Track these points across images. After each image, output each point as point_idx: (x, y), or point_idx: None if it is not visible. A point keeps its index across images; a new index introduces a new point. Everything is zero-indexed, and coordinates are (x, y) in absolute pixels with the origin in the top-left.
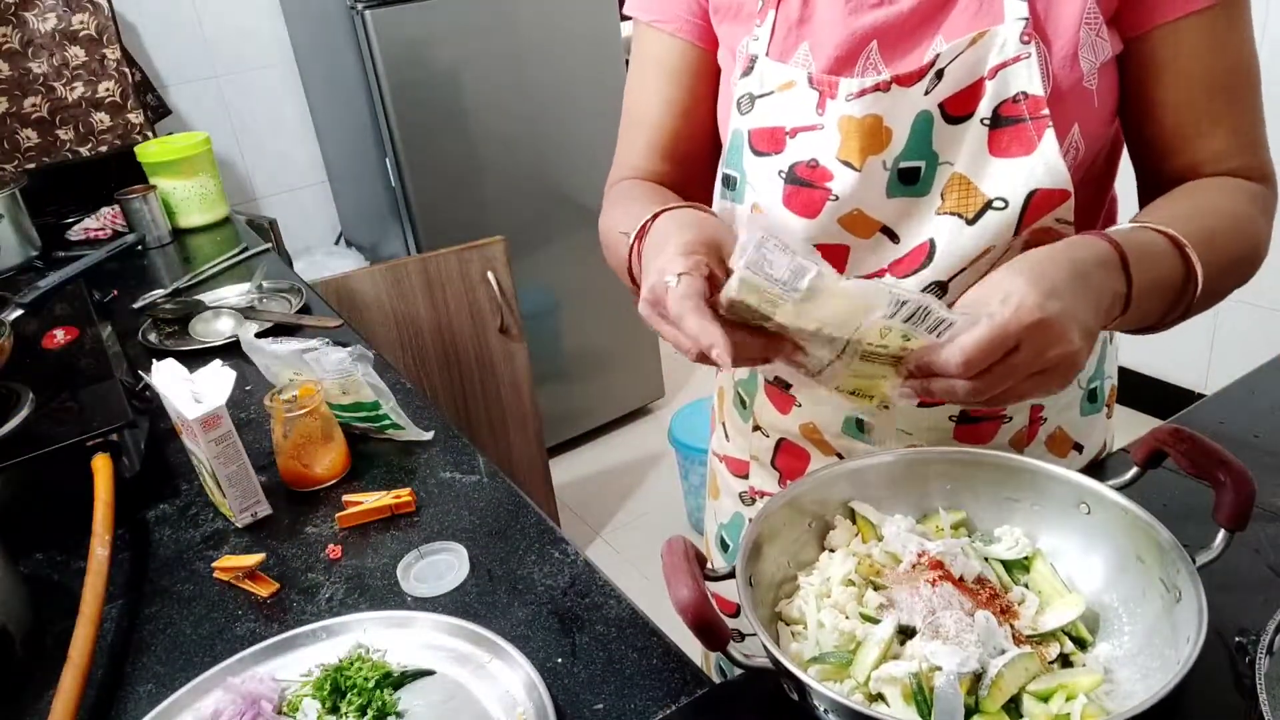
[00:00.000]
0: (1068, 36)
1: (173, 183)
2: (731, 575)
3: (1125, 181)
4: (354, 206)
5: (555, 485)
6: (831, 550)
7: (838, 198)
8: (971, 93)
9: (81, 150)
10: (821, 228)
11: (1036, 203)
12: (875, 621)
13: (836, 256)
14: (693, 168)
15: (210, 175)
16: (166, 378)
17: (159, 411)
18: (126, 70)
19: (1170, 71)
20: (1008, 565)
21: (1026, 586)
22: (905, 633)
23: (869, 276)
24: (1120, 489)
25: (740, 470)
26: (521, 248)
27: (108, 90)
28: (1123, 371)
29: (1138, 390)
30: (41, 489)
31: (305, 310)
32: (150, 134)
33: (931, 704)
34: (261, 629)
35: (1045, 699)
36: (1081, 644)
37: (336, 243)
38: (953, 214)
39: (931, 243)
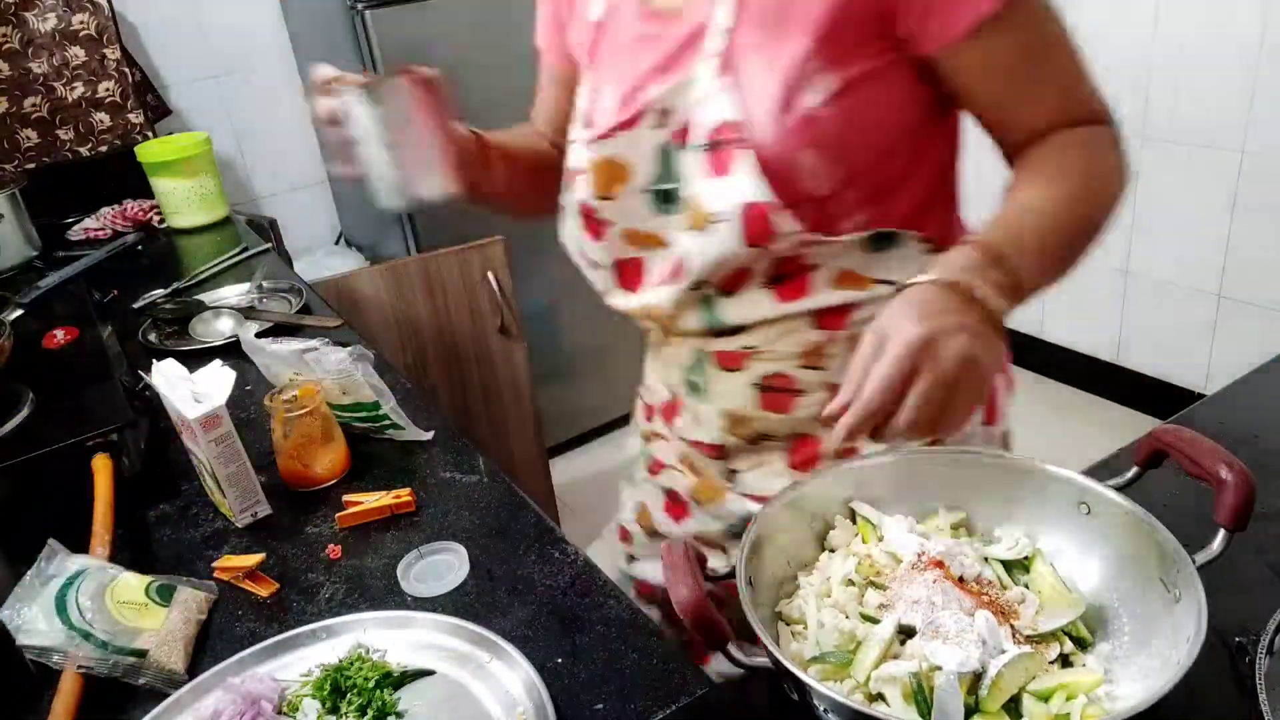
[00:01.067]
0: (775, 72)
1: (173, 183)
2: (731, 575)
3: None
4: (354, 206)
5: (555, 485)
6: (832, 550)
7: (616, 222)
8: (688, 125)
9: (81, 150)
10: (610, 247)
11: (752, 214)
12: (875, 621)
13: (635, 267)
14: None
15: (210, 175)
16: (166, 378)
17: (159, 411)
18: (126, 70)
19: (968, 77)
20: (1008, 565)
21: (1027, 587)
22: (905, 632)
23: (664, 282)
24: (1120, 489)
25: (647, 414)
26: (521, 248)
27: (108, 90)
28: (1123, 371)
29: (1138, 390)
30: (41, 489)
31: (305, 310)
32: (150, 134)
33: (931, 703)
34: (261, 629)
35: (1045, 699)
36: (1082, 644)
37: (336, 243)
38: (690, 230)
39: (684, 253)
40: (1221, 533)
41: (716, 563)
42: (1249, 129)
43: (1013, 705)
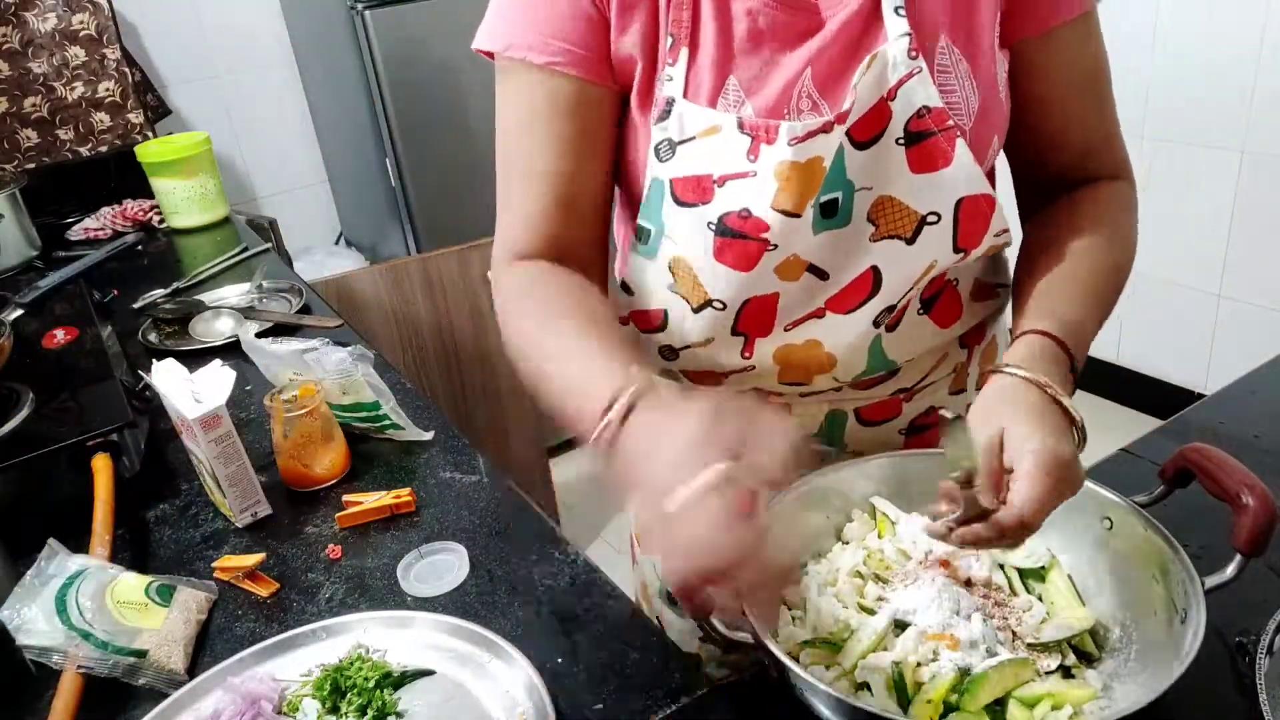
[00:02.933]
0: (986, 56)
1: (173, 183)
2: None
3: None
4: (354, 206)
5: (555, 485)
6: (846, 542)
7: (775, 246)
8: (876, 115)
9: (81, 150)
10: (757, 279)
11: (966, 210)
12: (871, 613)
13: (767, 306)
14: (594, 223)
15: (210, 175)
16: (166, 378)
17: (159, 411)
18: (126, 70)
19: (1049, 72)
20: (1023, 573)
21: (1039, 597)
22: (901, 627)
23: (804, 318)
24: (1146, 506)
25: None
26: None
27: (108, 90)
28: (1123, 371)
29: (1138, 390)
30: (41, 489)
31: (305, 310)
32: (150, 134)
33: (911, 696)
34: (261, 629)
35: (1031, 705)
36: (1087, 658)
37: (336, 243)
38: (890, 237)
39: (875, 270)
40: (1237, 558)
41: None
42: (1249, 129)
43: (999, 710)
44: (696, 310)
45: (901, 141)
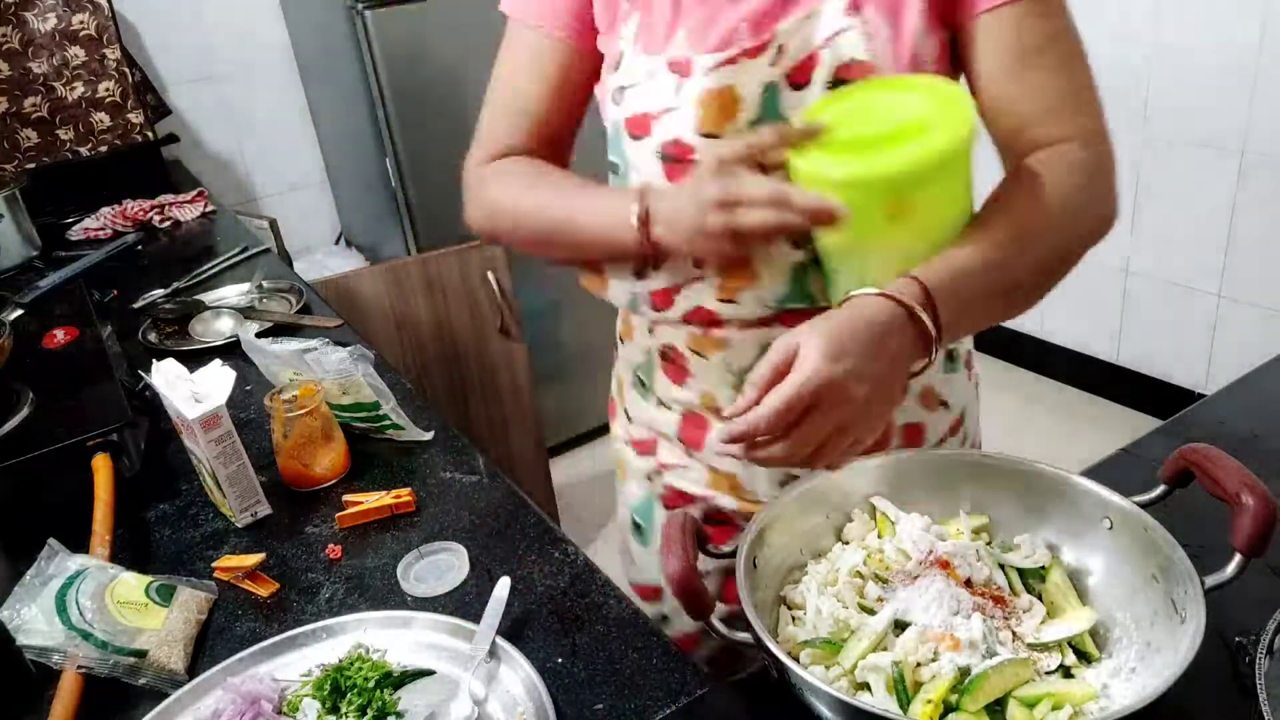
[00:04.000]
0: (908, 30)
1: None
2: (733, 554)
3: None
4: (354, 206)
5: (555, 485)
6: (846, 542)
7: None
8: (809, 62)
9: (81, 150)
10: None
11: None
12: (872, 613)
13: None
14: (558, 150)
15: None
16: (166, 378)
17: (159, 411)
18: (126, 70)
19: (982, 54)
20: (1023, 573)
21: (1040, 596)
22: (901, 627)
23: None
24: (1146, 506)
25: (647, 449)
26: None
27: (108, 90)
28: (1123, 371)
29: (1138, 390)
30: (41, 489)
31: (305, 310)
32: (150, 134)
33: (911, 696)
34: (261, 629)
35: (1031, 705)
36: (1087, 658)
37: (336, 243)
38: None
39: None
40: (1237, 557)
41: None
42: (1249, 129)
43: (999, 710)
44: None
45: (829, 86)
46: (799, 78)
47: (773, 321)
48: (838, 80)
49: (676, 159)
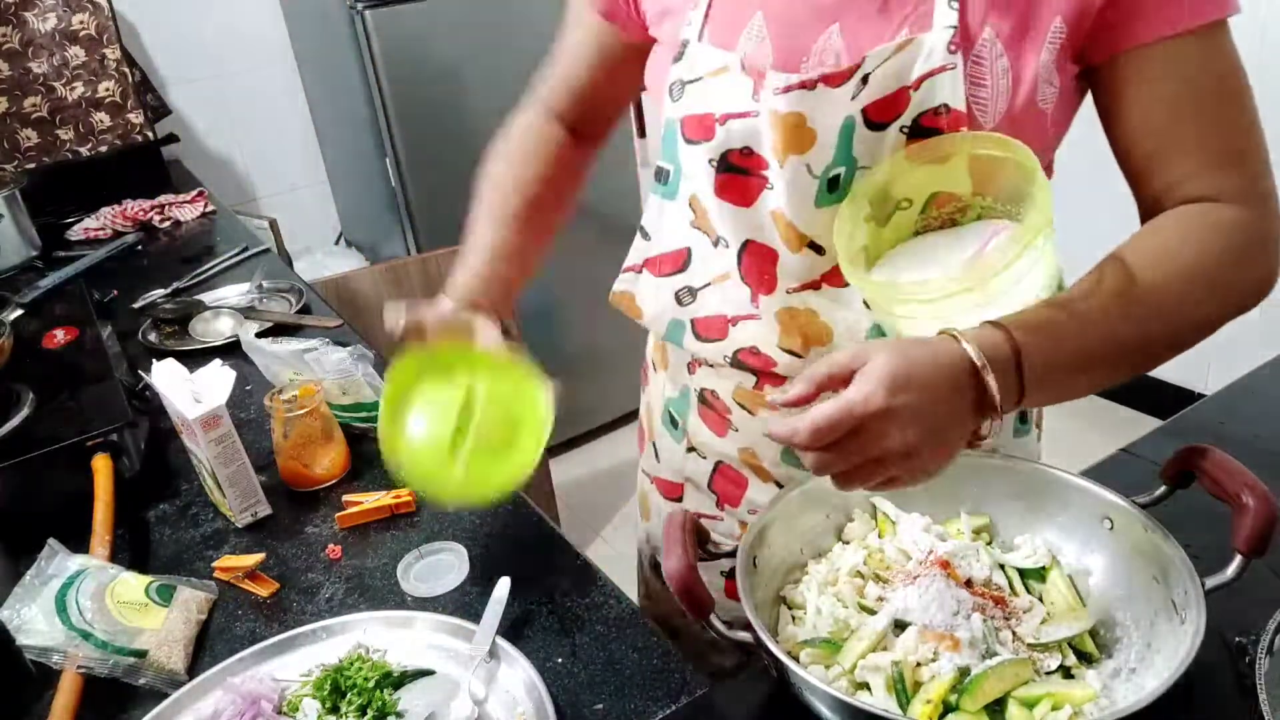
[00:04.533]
0: (1030, 60)
1: None
2: (733, 554)
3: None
4: (354, 206)
5: (555, 485)
6: (846, 542)
7: (773, 187)
8: (895, 100)
9: (81, 150)
10: (756, 217)
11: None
12: (872, 613)
13: (766, 257)
14: (597, 122)
15: None
16: (166, 378)
17: (159, 411)
18: (126, 70)
19: (1136, 95)
20: (1023, 573)
21: (1040, 597)
22: (901, 627)
23: (803, 286)
24: (1146, 506)
25: (673, 493)
26: None
27: (108, 90)
28: None
29: (1138, 390)
30: (41, 489)
31: (305, 310)
32: (150, 134)
33: (911, 696)
34: (261, 629)
35: (1030, 705)
36: (1088, 658)
37: (336, 243)
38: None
39: None
40: (1238, 558)
41: None
42: None
43: (998, 710)
44: (714, 244)
45: (905, 129)
46: (878, 115)
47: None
48: (918, 128)
49: (742, 170)
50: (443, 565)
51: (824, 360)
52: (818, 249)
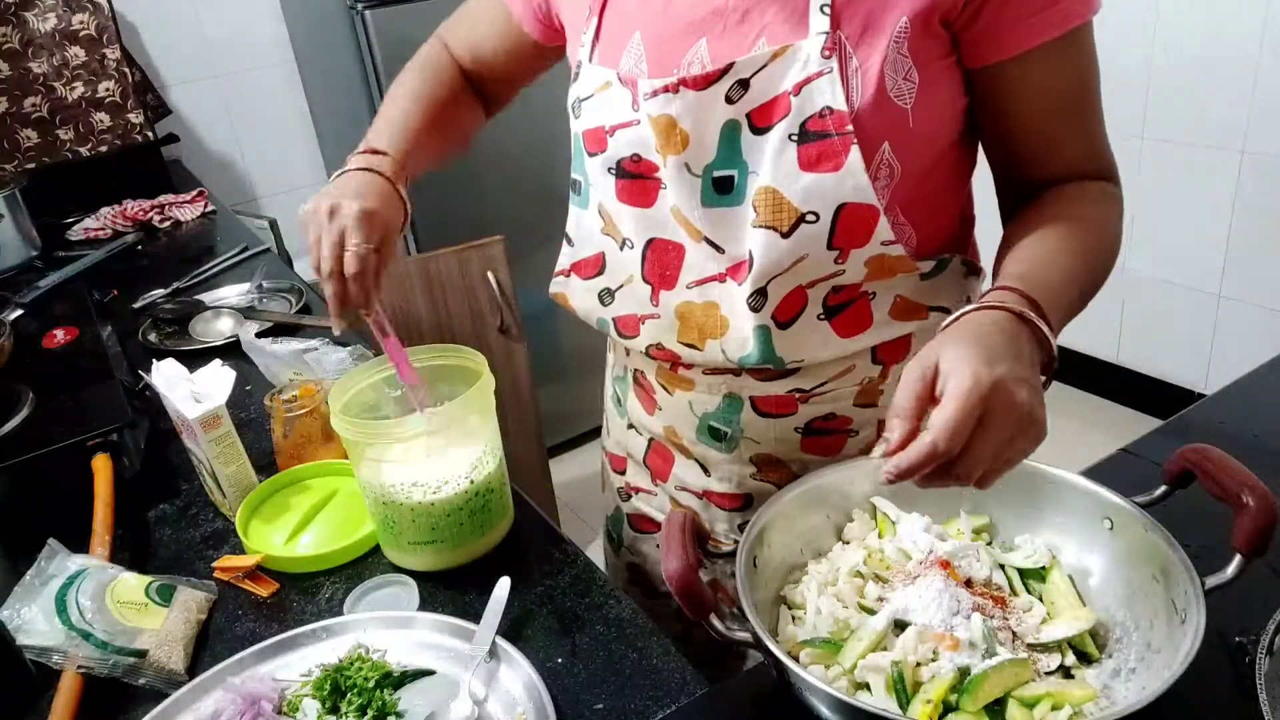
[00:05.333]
0: (876, 53)
1: None
2: (733, 554)
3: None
4: None
5: (555, 485)
6: (846, 542)
7: (667, 186)
8: (775, 105)
9: (81, 150)
10: (659, 215)
11: (847, 217)
12: (872, 612)
13: (674, 255)
14: (496, 94)
15: None
16: (166, 378)
17: (159, 411)
18: (126, 70)
19: (1020, 98)
20: (1024, 574)
21: (1040, 597)
22: (901, 627)
23: (708, 279)
24: (1147, 506)
25: (619, 465)
26: (521, 248)
27: (108, 90)
28: (1123, 371)
29: (1138, 390)
30: (41, 489)
31: (305, 310)
32: (150, 134)
33: (911, 696)
34: (261, 629)
35: (1031, 705)
36: (1088, 658)
37: None
38: (767, 227)
39: (750, 254)
40: (1237, 558)
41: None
42: (1249, 129)
43: (998, 710)
44: (621, 249)
45: (795, 138)
46: (761, 120)
47: (740, 373)
48: (806, 133)
49: (636, 175)
50: (390, 599)
51: (899, 394)
52: (715, 246)
